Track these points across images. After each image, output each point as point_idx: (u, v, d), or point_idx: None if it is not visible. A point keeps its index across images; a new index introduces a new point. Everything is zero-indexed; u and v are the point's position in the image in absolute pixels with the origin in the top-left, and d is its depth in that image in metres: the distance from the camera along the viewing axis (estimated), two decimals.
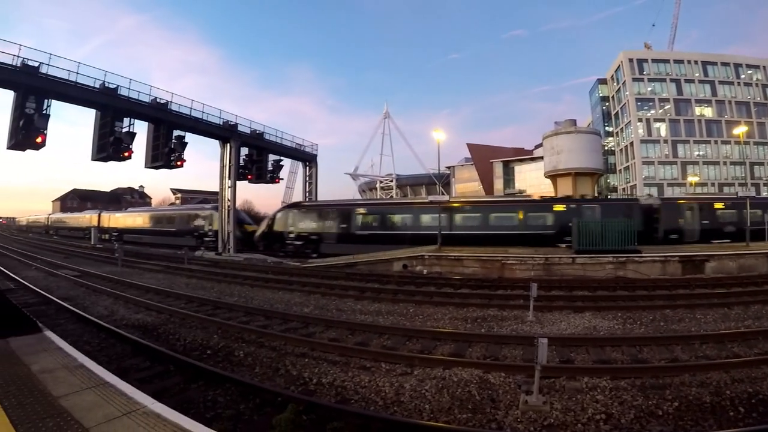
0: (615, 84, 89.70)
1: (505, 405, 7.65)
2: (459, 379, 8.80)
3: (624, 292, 18.62)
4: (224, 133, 41.39)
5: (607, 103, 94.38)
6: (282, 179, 49.70)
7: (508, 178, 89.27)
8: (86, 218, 74.96)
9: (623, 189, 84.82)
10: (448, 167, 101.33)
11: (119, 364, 9.83)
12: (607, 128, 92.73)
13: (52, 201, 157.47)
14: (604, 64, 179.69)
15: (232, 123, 42.03)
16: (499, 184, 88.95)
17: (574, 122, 69.41)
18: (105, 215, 70.64)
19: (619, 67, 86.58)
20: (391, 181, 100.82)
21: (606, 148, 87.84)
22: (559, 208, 31.30)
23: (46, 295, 18.96)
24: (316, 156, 52.28)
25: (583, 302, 16.54)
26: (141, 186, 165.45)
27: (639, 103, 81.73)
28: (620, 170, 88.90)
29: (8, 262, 34.44)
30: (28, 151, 29.35)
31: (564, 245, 27.88)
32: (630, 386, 8.29)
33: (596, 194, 62.86)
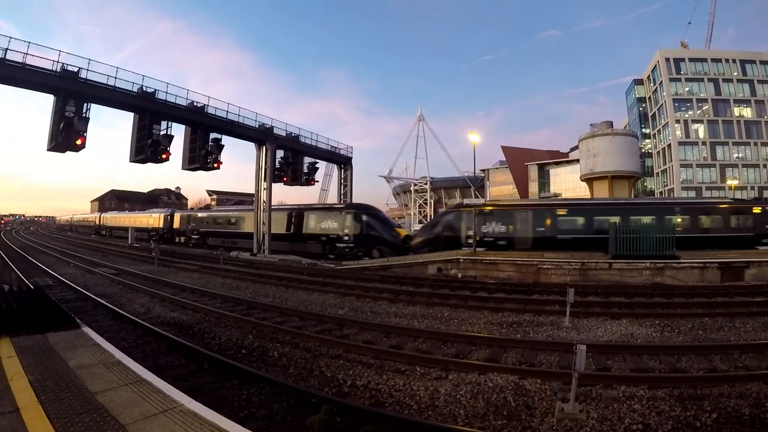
0: (652, 84, 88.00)
1: (541, 412, 7.52)
2: (494, 384, 8.68)
3: (661, 299, 18.24)
4: (260, 135, 41.62)
5: (643, 105, 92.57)
6: (317, 181, 49.78)
7: (544, 181, 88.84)
8: (154, 218, 66.53)
9: (661, 193, 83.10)
10: (483, 170, 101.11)
11: (154, 360, 9.98)
12: (644, 130, 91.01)
13: (91, 201, 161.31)
14: (640, 64, 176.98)
15: (267, 126, 42.26)
16: (534, 188, 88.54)
17: (610, 124, 68.78)
18: (181, 214, 62.68)
19: (655, 66, 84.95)
20: (426, 183, 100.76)
21: (643, 150, 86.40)
22: (757, 210, 31.03)
23: (84, 291, 19.35)
24: (350, 158, 52.25)
25: (620, 309, 16.22)
26: (177, 187, 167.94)
27: (676, 104, 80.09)
28: (657, 173, 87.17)
29: (47, 259, 35.32)
30: (68, 153, 29.95)
31: (763, 247, 27.82)
32: (668, 396, 8.10)
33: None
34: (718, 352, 10.78)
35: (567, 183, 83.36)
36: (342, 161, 51.67)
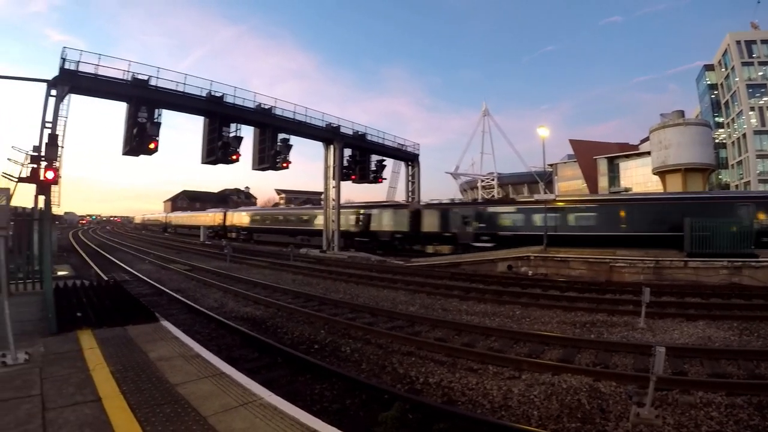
0: (723, 70, 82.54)
1: (616, 416, 7.33)
2: (568, 386, 8.52)
3: (739, 301, 17.41)
4: (327, 135, 42.26)
5: (715, 92, 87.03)
6: (385, 179, 50.01)
7: (613, 175, 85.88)
8: (403, 215, 43.21)
9: (736, 186, 78.33)
10: (551, 165, 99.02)
11: (228, 354, 10.20)
12: (716, 119, 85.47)
13: (163, 201, 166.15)
14: (710, 49, 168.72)
15: (334, 125, 42.80)
16: (603, 182, 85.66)
17: (681, 113, 65.81)
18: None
19: (726, 50, 79.80)
20: (493, 180, 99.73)
21: (717, 140, 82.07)
22: None
23: (159, 287, 20.10)
24: (417, 155, 52.25)
25: (696, 310, 15.64)
26: (247, 187, 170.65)
27: (750, 90, 74.91)
28: (732, 165, 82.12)
29: (123, 256, 36.84)
30: (141, 156, 31.23)
31: None
32: (746, 404, 7.73)
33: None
34: None
35: (638, 177, 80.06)
36: (409, 158, 51.80)
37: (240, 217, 68.64)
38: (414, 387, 8.66)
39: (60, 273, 19.89)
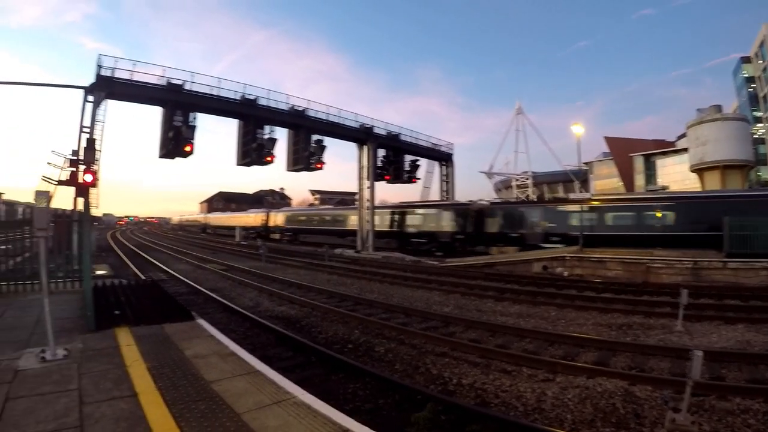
0: (760, 62, 77.23)
1: (650, 422, 7.16)
2: (603, 389, 8.35)
3: None
4: (361, 135, 42.47)
5: (753, 85, 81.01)
6: (419, 179, 49.79)
7: (650, 173, 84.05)
8: None
9: None
10: (586, 163, 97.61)
11: (263, 352, 10.26)
12: (755, 113, 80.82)
13: (200, 203, 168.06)
14: (746, 40, 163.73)
15: (368, 126, 42.91)
16: (640, 180, 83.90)
17: (719, 108, 64.18)
18: None
19: (762, 42, 74.57)
20: (527, 179, 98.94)
21: (755, 135, 79.09)
22: None
23: (195, 286, 20.37)
24: (451, 155, 51.97)
25: (734, 312, 15.21)
26: (281, 188, 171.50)
27: None
28: None
29: (160, 256, 37.59)
30: (177, 159, 32.01)
31: None
32: None
33: None
34: None
35: (675, 174, 77.80)
36: (443, 158, 51.60)
37: (284, 218, 67.12)
38: (447, 388, 8.64)
39: (98, 272, 20.23)
